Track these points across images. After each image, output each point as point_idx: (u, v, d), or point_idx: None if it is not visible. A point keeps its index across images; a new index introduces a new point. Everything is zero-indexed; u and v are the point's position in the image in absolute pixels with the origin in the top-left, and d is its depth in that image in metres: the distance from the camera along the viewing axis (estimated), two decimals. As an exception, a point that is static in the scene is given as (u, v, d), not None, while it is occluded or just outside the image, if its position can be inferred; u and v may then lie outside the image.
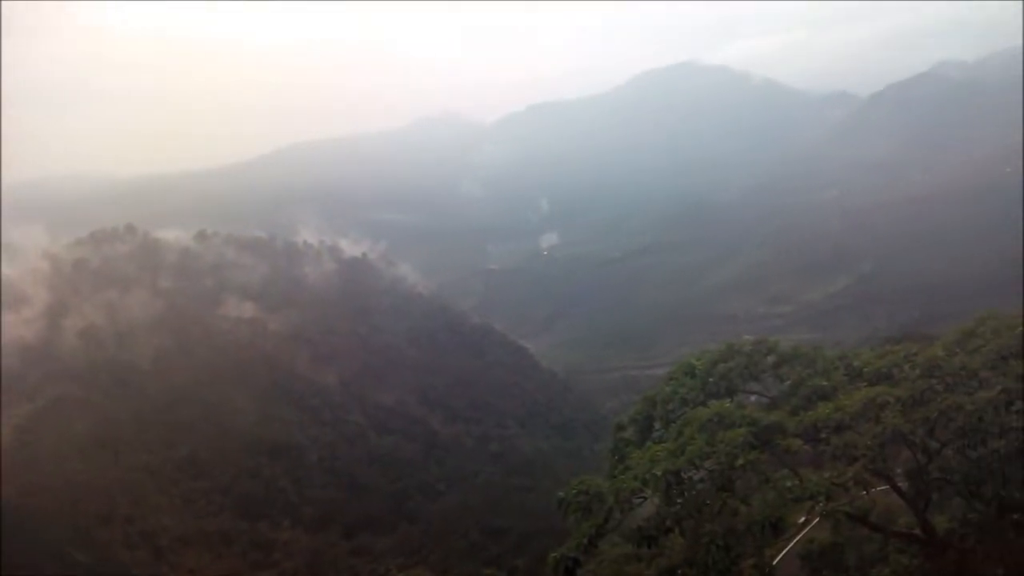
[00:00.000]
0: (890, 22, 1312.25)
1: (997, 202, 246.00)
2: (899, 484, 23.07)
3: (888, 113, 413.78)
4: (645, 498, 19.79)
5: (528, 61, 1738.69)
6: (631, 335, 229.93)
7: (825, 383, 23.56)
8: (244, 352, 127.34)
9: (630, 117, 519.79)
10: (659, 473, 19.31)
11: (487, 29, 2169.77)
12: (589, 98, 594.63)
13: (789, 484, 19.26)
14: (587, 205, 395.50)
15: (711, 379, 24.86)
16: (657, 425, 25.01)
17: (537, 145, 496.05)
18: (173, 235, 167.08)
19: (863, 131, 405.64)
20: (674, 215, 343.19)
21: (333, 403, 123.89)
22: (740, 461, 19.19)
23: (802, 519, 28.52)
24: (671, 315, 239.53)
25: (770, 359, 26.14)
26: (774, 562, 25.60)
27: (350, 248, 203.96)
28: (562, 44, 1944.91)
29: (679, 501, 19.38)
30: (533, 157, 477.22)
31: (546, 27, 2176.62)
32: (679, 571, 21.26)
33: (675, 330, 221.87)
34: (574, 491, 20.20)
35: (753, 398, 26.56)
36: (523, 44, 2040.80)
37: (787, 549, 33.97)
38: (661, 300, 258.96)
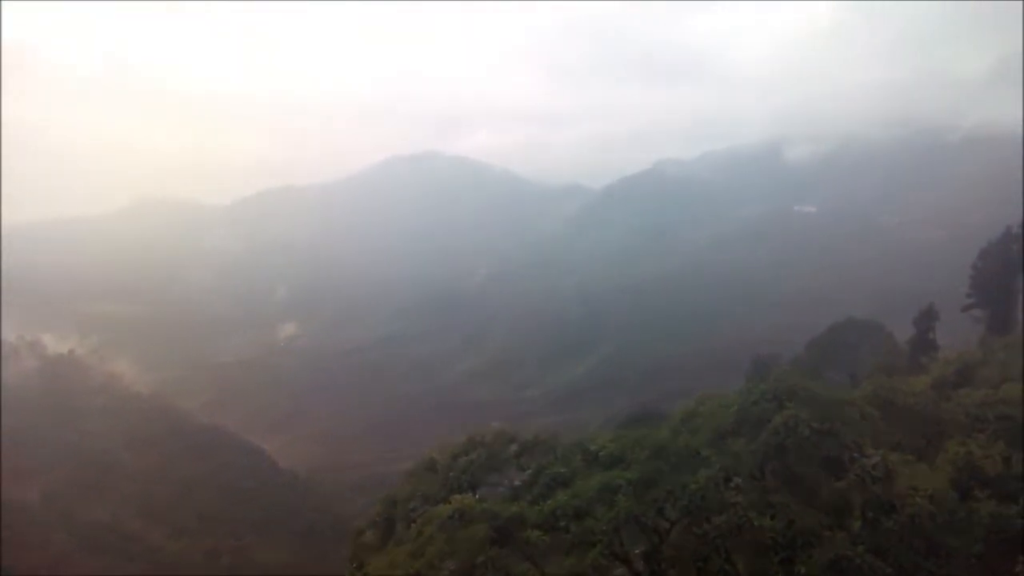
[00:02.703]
0: (617, 123, 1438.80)
1: (717, 288, 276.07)
2: (636, 565, 24.27)
3: (617, 205, 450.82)
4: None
5: (261, 143, 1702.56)
6: (377, 428, 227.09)
7: (564, 470, 24.51)
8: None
9: (372, 204, 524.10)
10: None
11: (214, 111, 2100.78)
12: (329, 184, 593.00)
13: (530, 578, 19.73)
14: (327, 294, 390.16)
15: (452, 473, 25.08)
16: (398, 526, 24.73)
17: (273, 231, 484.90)
18: None
19: (596, 222, 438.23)
20: (418, 303, 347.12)
21: (34, 522, 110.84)
22: (481, 559, 19.37)
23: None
24: (418, 406, 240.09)
25: (512, 448, 26.83)
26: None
27: (55, 344, 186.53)
28: (297, 126, 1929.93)
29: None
30: (269, 243, 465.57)
31: (281, 107, 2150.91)
32: None
33: (423, 421, 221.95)
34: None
35: (499, 489, 27.03)
36: (255, 125, 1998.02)
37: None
38: (407, 390, 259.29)
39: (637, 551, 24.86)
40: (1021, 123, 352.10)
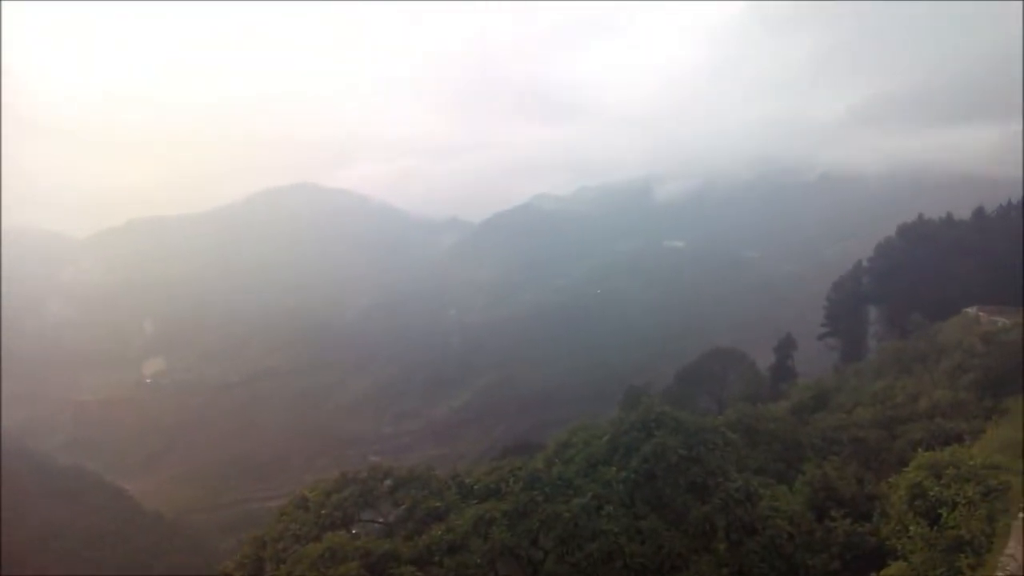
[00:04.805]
0: (495, 157, 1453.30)
1: (592, 319, 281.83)
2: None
3: (495, 238, 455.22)
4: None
5: (128, 172, 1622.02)
6: (251, 465, 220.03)
7: (439, 503, 24.26)
8: None
9: (245, 235, 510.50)
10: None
11: (68, 133, 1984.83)
12: (200, 214, 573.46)
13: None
14: (198, 328, 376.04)
15: (325, 511, 24.40)
16: (267, 566, 23.85)
17: (139, 263, 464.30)
18: None
19: (475, 255, 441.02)
20: (295, 337, 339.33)
21: None
22: (352, 597, 18.94)
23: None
24: (295, 440, 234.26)
25: (386, 484, 26.35)
26: None
27: None
28: (168, 156, 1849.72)
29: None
30: (134, 276, 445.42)
31: (151, 135, 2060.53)
32: None
33: (300, 456, 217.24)
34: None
35: (374, 525, 26.44)
36: (121, 153, 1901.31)
37: None
38: (284, 425, 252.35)
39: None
40: (872, 164, 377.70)
